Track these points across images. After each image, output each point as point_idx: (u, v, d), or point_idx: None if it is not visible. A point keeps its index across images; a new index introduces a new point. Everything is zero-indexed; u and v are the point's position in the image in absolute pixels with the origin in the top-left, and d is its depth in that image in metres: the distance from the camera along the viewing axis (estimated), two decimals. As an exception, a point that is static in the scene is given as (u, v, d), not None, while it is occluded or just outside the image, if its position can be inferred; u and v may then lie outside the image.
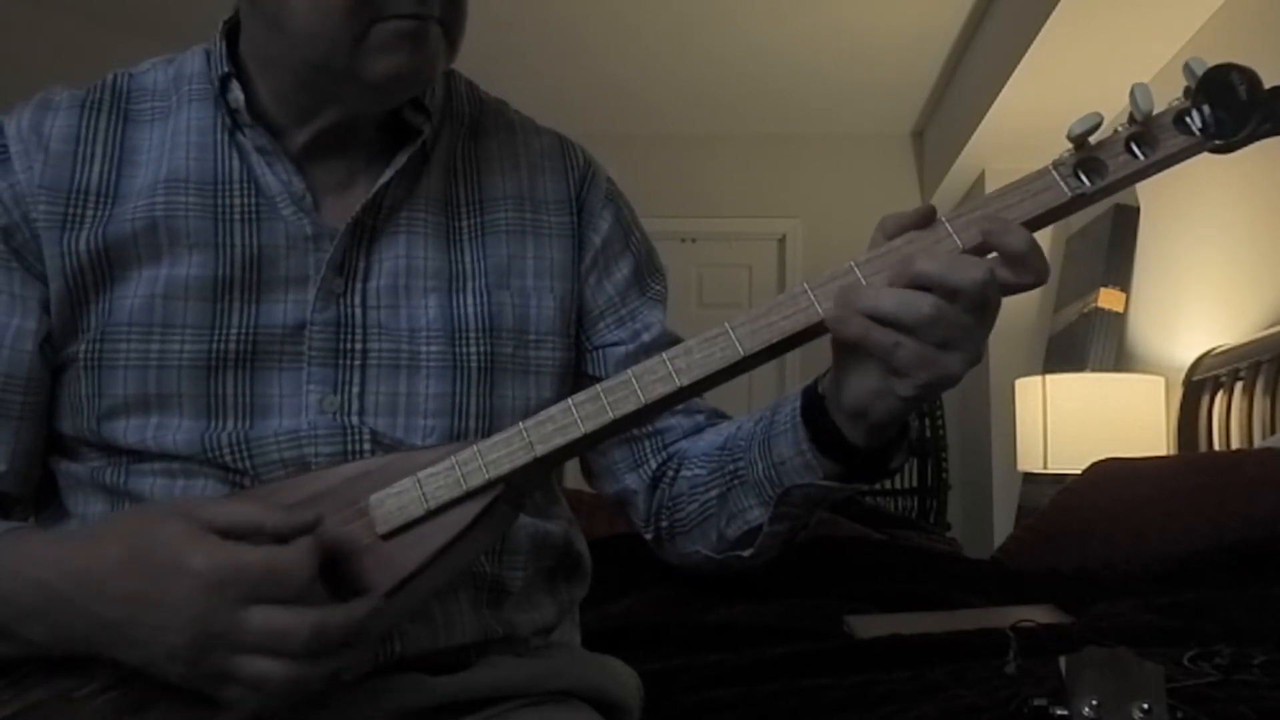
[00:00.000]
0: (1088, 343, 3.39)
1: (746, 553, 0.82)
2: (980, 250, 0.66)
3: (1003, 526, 3.84)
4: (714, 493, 0.83)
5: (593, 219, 0.92)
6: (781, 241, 4.92)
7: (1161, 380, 3.02)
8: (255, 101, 0.83)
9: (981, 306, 0.65)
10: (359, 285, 0.82)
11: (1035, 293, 3.90)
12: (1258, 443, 2.37)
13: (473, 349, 0.83)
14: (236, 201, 0.82)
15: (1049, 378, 3.18)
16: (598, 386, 0.69)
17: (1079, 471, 2.54)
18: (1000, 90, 3.45)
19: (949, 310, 0.64)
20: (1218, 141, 0.64)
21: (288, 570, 0.62)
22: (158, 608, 0.62)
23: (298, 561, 0.63)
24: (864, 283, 0.66)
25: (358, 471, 0.72)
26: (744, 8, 3.72)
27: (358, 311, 0.82)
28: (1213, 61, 0.64)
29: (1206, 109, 0.64)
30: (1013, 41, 3.30)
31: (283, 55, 0.80)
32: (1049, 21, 2.94)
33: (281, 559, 0.63)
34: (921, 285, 0.64)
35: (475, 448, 0.69)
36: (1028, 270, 0.65)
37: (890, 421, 0.70)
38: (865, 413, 0.70)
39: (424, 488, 0.69)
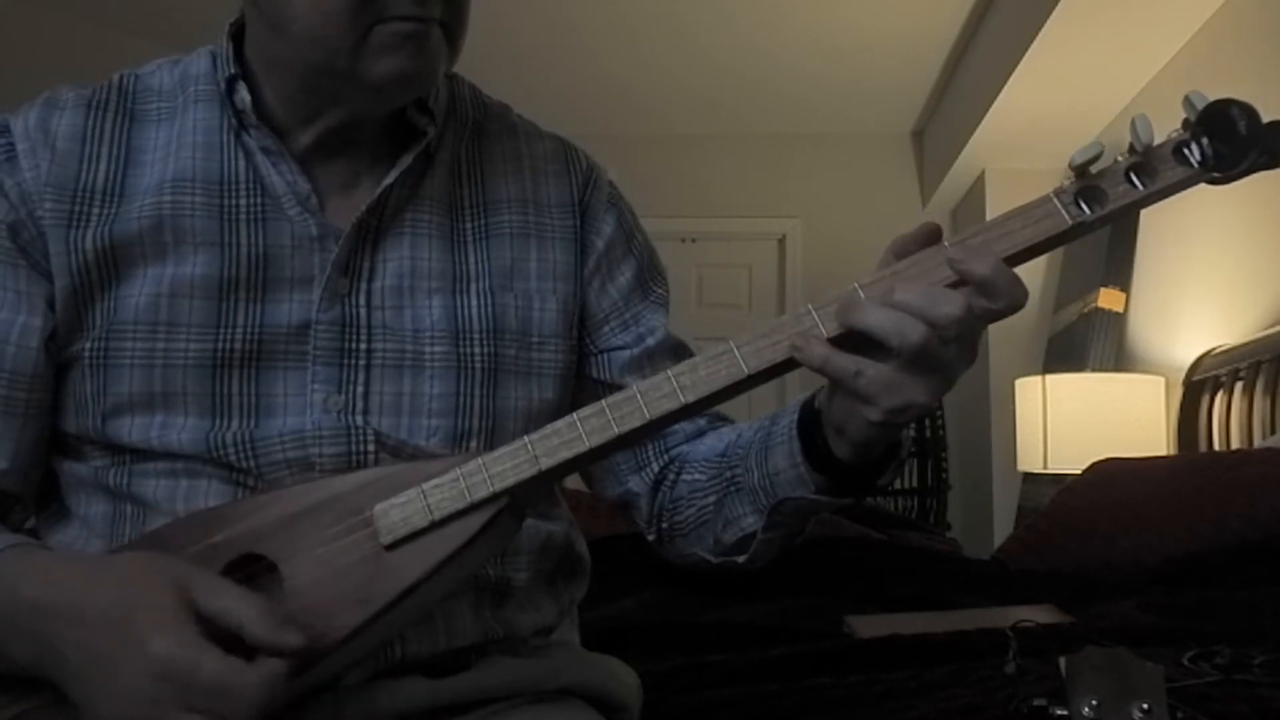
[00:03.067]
0: (1088, 343, 3.39)
1: (741, 558, 0.83)
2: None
3: (1003, 526, 3.84)
4: (711, 499, 0.84)
5: (595, 223, 0.92)
6: (781, 241, 4.92)
7: (1161, 380, 3.02)
8: (261, 102, 0.83)
9: (960, 339, 0.66)
10: (364, 285, 0.82)
11: (1035, 293, 3.91)
12: (1258, 443, 2.37)
13: (477, 350, 0.84)
14: (242, 202, 0.82)
15: (1049, 378, 3.18)
16: (603, 402, 0.70)
17: (1079, 471, 2.54)
18: (1000, 90, 3.45)
19: (931, 339, 0.64)
20: (1216, 174, 0.65)
21: (239, 697, 0.60)
22: (109, 673, 0.62)
23: (251, 692, 0.61)
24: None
25: (363, 481, 0.72)
26: (744, 8, 3.72)
27: (362, 311, 0.82)
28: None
29: (1205, 141, 0.65)
30: (1013, 41, 3.30)
31: (286, 57, 0.80)
32: (1049, 22, 2.94)
33: (238, 680, 0.61)
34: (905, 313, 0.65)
35: (480, 460, 0.69)
36: (1000, 295, 0.65)
37: (866, 443, 0.71)
38: (843, 431, 0.71)
39: (429, 499, 0.69)
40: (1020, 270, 0.67)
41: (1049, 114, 3.52)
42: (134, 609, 0.63)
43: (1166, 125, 0.67)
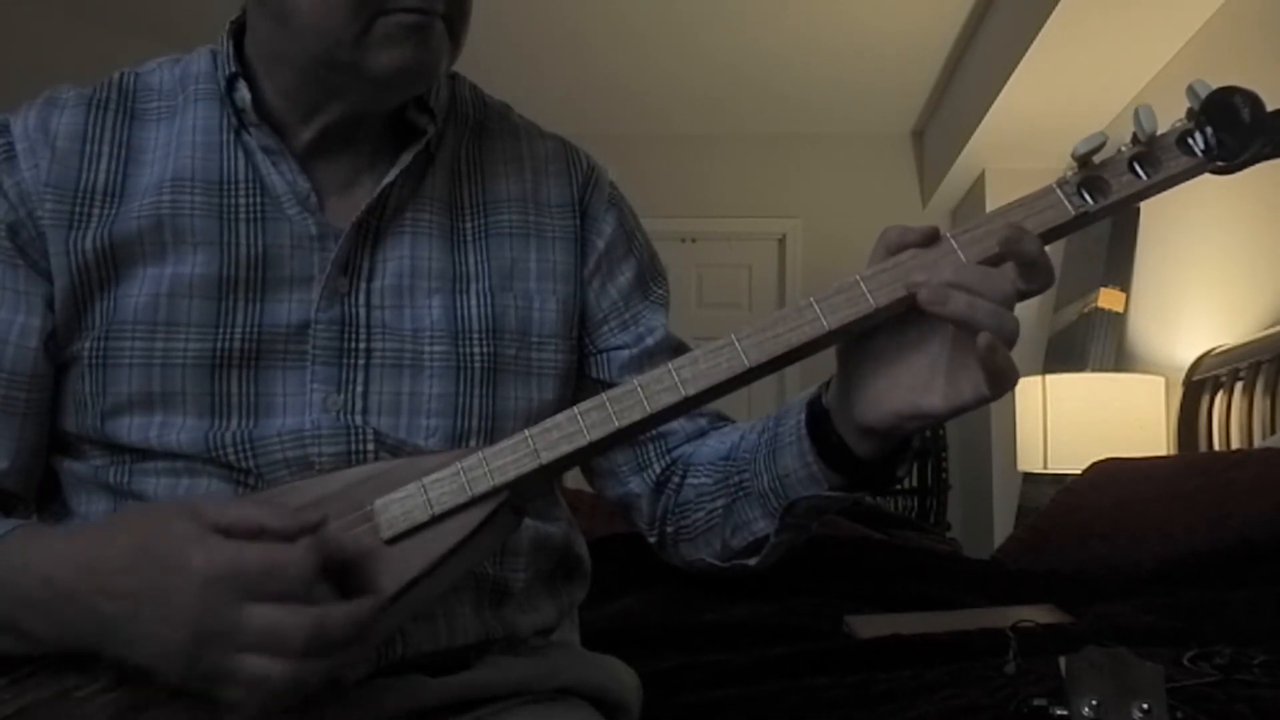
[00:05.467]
0: (1088, 343, 3.39)
1: (752, 561, 0.82)
2: (988, 263, 0.66)
3: (1003, 526, 3.84)
4: (719, 503, 0.83)
5: (596, 223, 0.92)
6: (781, 241, 4.92)
7: (1161, 380, 3.02)
8: (261, 100, 0.83)
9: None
10: (363, 285, 0.82)
11: (1035, 293, 3.91)
12: (1258, 443, 2.37)
13: (476, 350, 0.84)
14: (242, 201, 0.82)
15: (1049, 378, 3.18)
16: (603, 395, 0.69)
17: (1079, 471, 2.54)
18: (1000, 90, 3.45)
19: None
20: (1220, 163, 0.65)
21: (287, 568, 0.62)
22: (158, 605, 0.62)
23: (298, 559, 0.62)
24: (870, 300, 0.67)
25: (363, 476, 0.72)
26: (744, 8, 3.72)
27: (362, 311, 0.82)
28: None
29: (1209, 131, 0.64)
30: (1013, 41, 3.30)
31: (288, 50, 0.80)
32: (1049, 22, 2.94)
33: (282, 556, 0.62)
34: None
35: (481, 454, 0.69)
36: (1039, 275, 0.65)
37: (912, 432, 0.71)
38: (891, 429, 0.69)
39: (429, 493, 0.69)
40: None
41: (1049, 114, 3.52)
42: (157, 544, 0.63)
43: (1167, 124, 0.67)
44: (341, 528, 0.69)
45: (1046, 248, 0.67)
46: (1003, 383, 0.64)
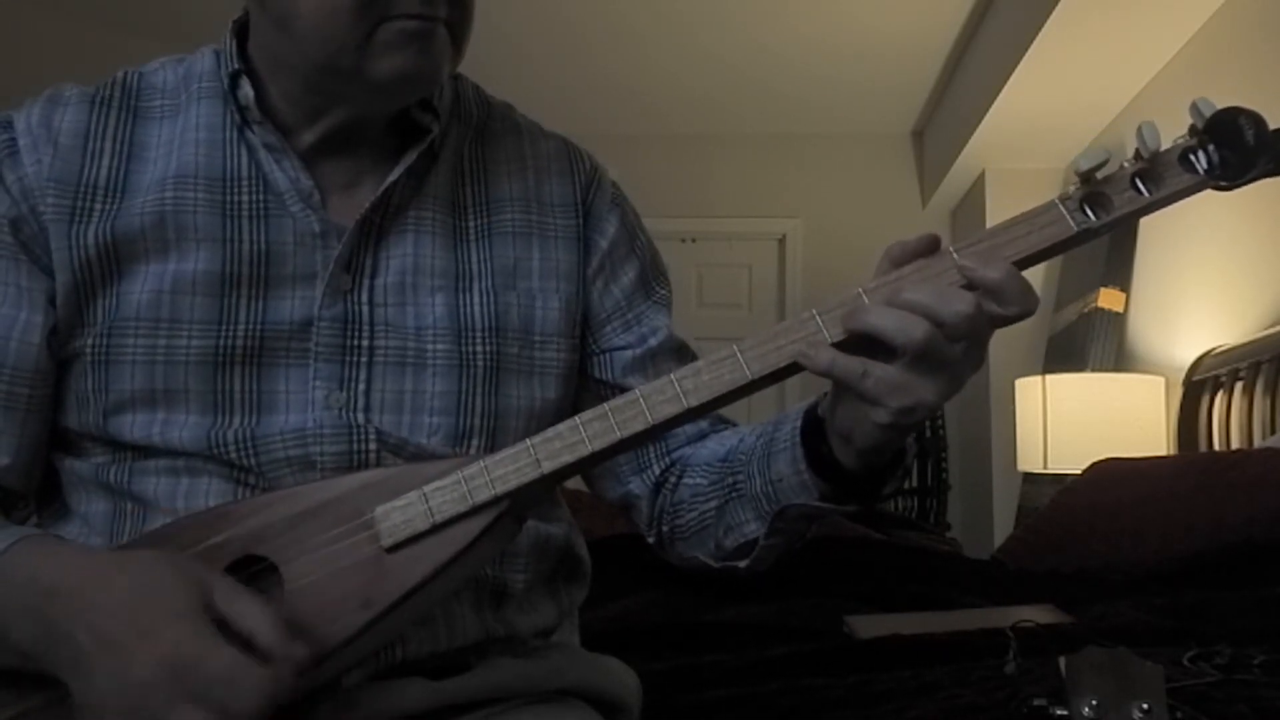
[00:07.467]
0: (1088, 343, 3.39)
1: (743, 563, 0.82)
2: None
3: (1003, 526, 3.84)
4: (713, 504, 0.84)
5: (599, 223, 0.92)
6: (781, 241, 4.92)
7: (1161, 380, 3.02)
8: (264, 100, 0.84)
9: (968, 338, 0.66)
10: (366, 282, 0.82)
11: (1035, 293, 3.91)
12: (1258, 443, 2.37)
13: (479, 348, 0.84)
14: (245, 198, 0.82)
15: (1049, 378, 3.18)
16: (606, 405, 0.70)
17: (1079, 471, 2.54)
18: (1000, 90, 3.45)
19: (936, 336, 0.64)
20: (1223, 182, 0.65)
21: (240, 689, 0.60)
22: (117, 659, 0.62)
23: (254, 689, 0.60)
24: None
25: (364, 482, 0.72)
26: (744, 8, 3.72)
27: (365, 309, 0.82)
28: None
29: (1212, 149, 0.65)
30: (1013, 41, 3.30)
31: (291, 55, 0.80)
32: (1049, 22, 2.94)
33: (241, 676, 0.61)
34: (911, 312, 0.65)
35: (482, 463, 0.69)
36: (1012, 302, 0.65)
37: (875, 448, 0.71)
38: (850, 437, 0.70)
39: (430, 502, 0.69)
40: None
41: (1049, 114, 3.52)
42: (151, 600, 0.63)
43: (1167, 126, 0.67)
44: (342, 535, 0.70)
45: (1045, 263, 0.67)
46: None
